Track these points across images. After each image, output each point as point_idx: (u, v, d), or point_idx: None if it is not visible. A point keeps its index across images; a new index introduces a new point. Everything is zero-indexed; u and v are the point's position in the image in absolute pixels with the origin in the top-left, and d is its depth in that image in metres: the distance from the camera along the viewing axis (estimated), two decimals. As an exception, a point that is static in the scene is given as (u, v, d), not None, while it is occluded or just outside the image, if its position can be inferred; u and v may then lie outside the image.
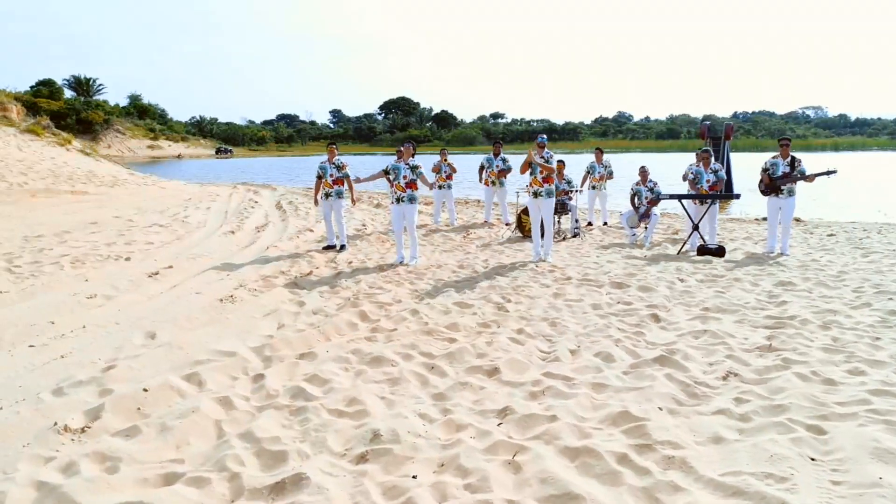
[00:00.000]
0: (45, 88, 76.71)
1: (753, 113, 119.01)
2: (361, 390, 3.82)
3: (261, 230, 11.39)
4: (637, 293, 6.15)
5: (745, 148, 66.28)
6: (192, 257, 8.44)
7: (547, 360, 4.40)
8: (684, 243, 8.63)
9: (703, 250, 8.24)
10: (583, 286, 6.50)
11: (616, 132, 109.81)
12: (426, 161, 9.01)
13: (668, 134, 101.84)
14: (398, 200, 8.10)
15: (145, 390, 3.80)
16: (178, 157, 71.28)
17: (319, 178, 9.03)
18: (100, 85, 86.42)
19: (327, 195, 9.03)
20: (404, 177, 8.07)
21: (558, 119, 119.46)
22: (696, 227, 8.51)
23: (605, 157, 11.72)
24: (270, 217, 13.22)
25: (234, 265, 7.90)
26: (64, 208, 13.54)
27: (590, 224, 11.79)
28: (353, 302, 5.95)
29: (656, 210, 9.70)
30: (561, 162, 9.71)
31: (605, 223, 11.78)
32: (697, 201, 8.71)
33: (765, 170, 8.36)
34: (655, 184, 9.65)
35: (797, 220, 12.61)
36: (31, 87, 76.87)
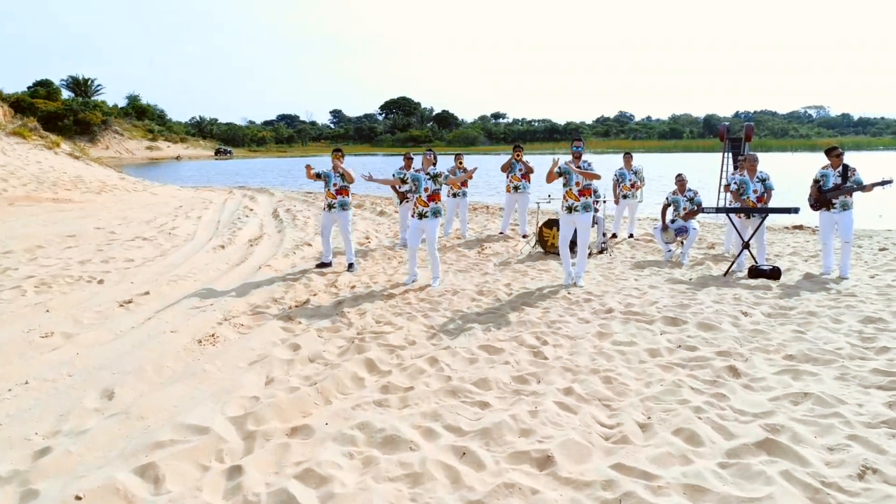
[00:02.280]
0: (43, 89, 75.79)
1: (755, 112, 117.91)
2: (372, 496, 2.82)
3: (254, 243, 10.38)
4: (698, 333, 5.13)
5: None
6: (174, 280, 7.43)
7: (612, 439, 3.39)
8: (732, 263, 7.61)
9: (756, 272, 7.22)
10: (630, 322, 5.48)
11: (618, 132, 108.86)
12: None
13: (671, 134, 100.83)
14: (420, 216, 7.10)
15: (78, 499, 2.79)
16: (177, 158, 70.30)
17: (320, 175, 7.98)
18: (98, 85, 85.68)
19: (330, 206, 8.01)
20: (426, 189, 7.07)
21: (560, 119, 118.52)
22: (746, 245, 7.49)
23: (635, 162, 10.71)
24: (266, 228, 12.20)
25: (219, 291, 6.89)
26: (43, 218, 12.54)
27: (614, 235, 10.78)
28: (358, 345, 4.94)
29: (695, 223, 8.67)
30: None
31: (631, 235, 10.76)
32: (744, 216, 7.70)
33: (815, 181, 7.39)
34: (696, 193, 8.62)
35: (815, 230, 11.58)
36: (29, 88, 75.97)
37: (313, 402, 3.98)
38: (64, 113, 68.53)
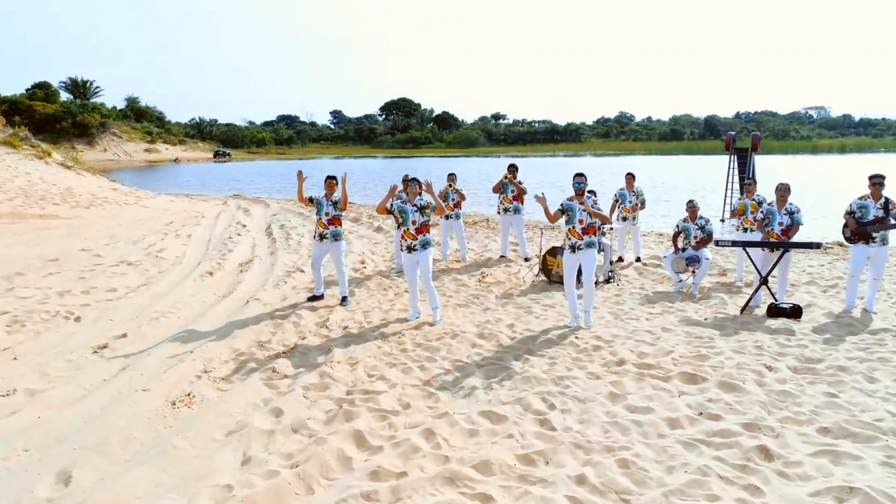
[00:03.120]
0: (41, 91, 75.31)
1: (756, 113, 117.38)
2: None
3: (244, 268, 9.94)
4: (721, 395, 4.67)
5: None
6: (155, 317, 6.98)
7: (633, 554, 2.94)
8: (749, 299, 7.15)
9: (776, 311, 6.77)
10: (645, 379, 5.03)
11: (618, 133, 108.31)
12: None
13: (671, 135, 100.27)
14: (409, 249, 6.71)
15: None
16: (176, 161, 69.87)
17: (312, 200, 7.57)
18: (97, 87, 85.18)
19: (322, 236, 7.59)
20: (413, 221, 6.67)
21: (560, 120, 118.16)
22: (764, 281, 7.04)
23: (637, 183, 10.24)
24: (258, 249, 11.75)
25: (201, 332, 6.45)
26: (27, 237, 12.09)
27: (620, 259, 10.33)
28: (347, 411, 4.49)
29: (707, 253, 8.21)
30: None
31: (638, 259, 10.31)
32: (766, 248, 7.25)
33: (850, 213, 6.93)
34: (707, 221, 8.17)
35: (826, 248, 11.09)
36: (27, 90, 75.48)
37: (293, 491, 3.53)
38: (62, 115, 68.11)
